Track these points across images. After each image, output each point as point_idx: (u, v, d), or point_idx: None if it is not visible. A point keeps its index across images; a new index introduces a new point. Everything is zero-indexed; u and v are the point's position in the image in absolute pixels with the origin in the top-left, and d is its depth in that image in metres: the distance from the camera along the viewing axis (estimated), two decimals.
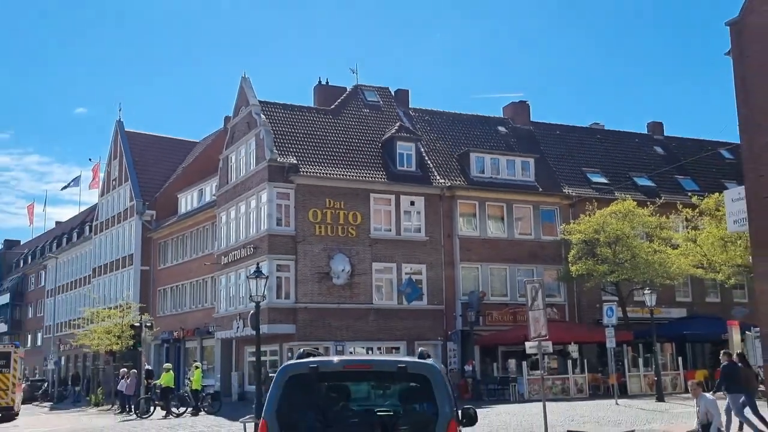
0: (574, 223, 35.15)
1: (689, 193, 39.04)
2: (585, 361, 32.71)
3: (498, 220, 37.35)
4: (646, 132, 48.09)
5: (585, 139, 44.52)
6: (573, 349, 32.80)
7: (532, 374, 30.34)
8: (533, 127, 43.40)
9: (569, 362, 32.22)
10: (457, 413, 7.63)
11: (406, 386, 7.90)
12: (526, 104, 44.45)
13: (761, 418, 15.54)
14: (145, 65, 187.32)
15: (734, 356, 18.12)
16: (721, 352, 19.70)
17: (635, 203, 34.50)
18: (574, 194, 38.62)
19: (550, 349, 16.18)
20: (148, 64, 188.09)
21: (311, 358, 8.17)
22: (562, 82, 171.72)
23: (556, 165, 40.72)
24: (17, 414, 33.38)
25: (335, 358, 9.42)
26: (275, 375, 7.76)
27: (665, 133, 48.17)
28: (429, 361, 7.79)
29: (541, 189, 38.37)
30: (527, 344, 15.39)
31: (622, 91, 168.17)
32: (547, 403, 15.49)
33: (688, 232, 34.73)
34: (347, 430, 7.70)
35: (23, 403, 40.77)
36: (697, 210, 34.28)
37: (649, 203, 35.92)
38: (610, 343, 27.42)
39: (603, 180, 40.75)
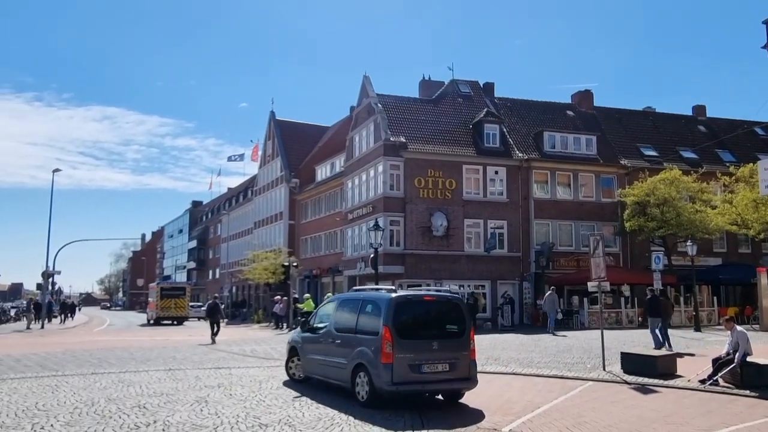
0: (629, 188, 33.95)
1: (727, 164, 36.92)
2: (635, 298, 31.75)
3: (566, 186, 36.37)
4: (691, 114, 45.41)
5: (639, 120, 42.42)
6: (625, 289, 31.97)
7: (591, 308, 29.80)
8: (596, 111, 41.73)
9: (622, 299, 31.38)
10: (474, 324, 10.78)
11: (451, 308, 10.49)
12: (590, 92, 42.67)
13: (667, 338, 17.94)
14: (290, 69, 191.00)
15: (656, 291, 19.51)
16: (647, 288, 20.09)
17: (681, 172, 33.05)
18: (629, 165, 37.11)
19: (608, 288, 15.77)
20: (292, 68, 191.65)
21: (404, 291, 11.14)
22: (621, 74, 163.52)
23: (615, 141, 39.17)
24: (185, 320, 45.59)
25: (417, 292, 11.93)
26: (387, 301, 9.91)
27: (708, 115, 45.37)
28: (462, 295, 9.89)
29: (601, 161, 37.05)
30: (589, 284, 15.03)
31: (672, 80, 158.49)
32: (603, 330, 15.21)
33: (725, 196, 32.95)
34: (426, 329, 10.14)
35: (205, 319, 45.83)
36: (733, 177, 32.35)
37: (692, 172, 34.18)
38: (657, 284, 26.38)
39: (654, 153, 38.95)
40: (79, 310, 72.30)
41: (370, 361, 9.62)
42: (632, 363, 13.38)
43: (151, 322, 45.61)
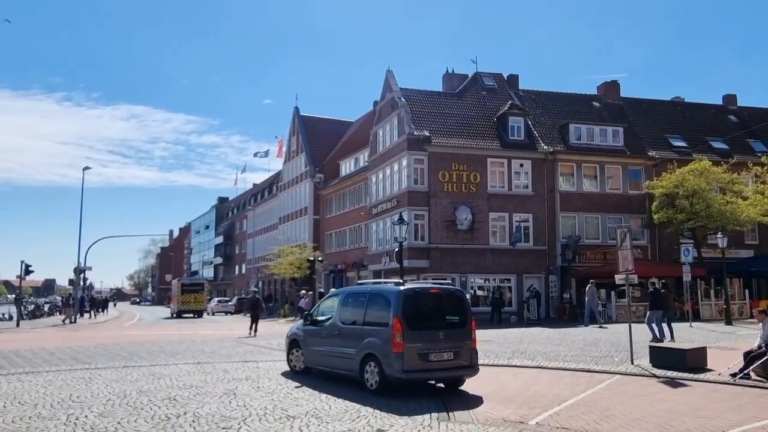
0: (657, 179, 33.46)
1: (759, 154, 36.16)
2: None
3: (592, 178, 35.99)
4: (721, 103, 44.50)
5: (667, 110, 41.73)
6: (653, 282, 31.50)
7: (619, 301, 29.49)
8: (623, 101, 41.16)
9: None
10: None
11: (454, 300, 10.99)
12: (617, 83, 42.13)
13: (670, 329, 18.80)
14: (313, 65, 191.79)
15: (657, 285, 21.12)
16: (649, 282, 22.01)
17: (710, 163, 32.45)
18: (657, 156, 36.58)
19: (636, 281, 15.60)
20: (316, 63, 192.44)
21: (411, 284, 11.45)
22: (649, 64, 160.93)
23: (642, 132, 38.62)
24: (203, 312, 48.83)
25: (424, 284, 12.13)
26: (396, 293, 10.32)
27: (739, 104, 44.41)
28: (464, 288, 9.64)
29: (628, 152, 36.59)
30: (617, 277, 14.83)
31: (702, 69, 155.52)
32: (631, 324, 15.03)
33: (757, 186, 32.31)
34: (432, 320, 10.61)
35: (233, 314, 48.31)
36: (765, 167, 31.69)
37: (722, 162, 33.55)
38: (687, 277, 26.15)
39: (683, 144, 38.31)
40: (114, 305, 73.75)
41: (380, 350, 10.11)
42: (661, 357, 13.21)
43: (174, 315, 48.47)
